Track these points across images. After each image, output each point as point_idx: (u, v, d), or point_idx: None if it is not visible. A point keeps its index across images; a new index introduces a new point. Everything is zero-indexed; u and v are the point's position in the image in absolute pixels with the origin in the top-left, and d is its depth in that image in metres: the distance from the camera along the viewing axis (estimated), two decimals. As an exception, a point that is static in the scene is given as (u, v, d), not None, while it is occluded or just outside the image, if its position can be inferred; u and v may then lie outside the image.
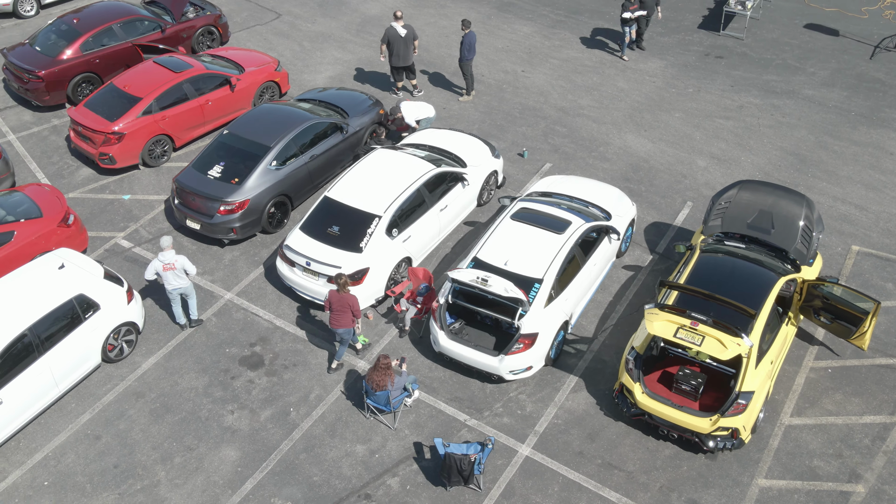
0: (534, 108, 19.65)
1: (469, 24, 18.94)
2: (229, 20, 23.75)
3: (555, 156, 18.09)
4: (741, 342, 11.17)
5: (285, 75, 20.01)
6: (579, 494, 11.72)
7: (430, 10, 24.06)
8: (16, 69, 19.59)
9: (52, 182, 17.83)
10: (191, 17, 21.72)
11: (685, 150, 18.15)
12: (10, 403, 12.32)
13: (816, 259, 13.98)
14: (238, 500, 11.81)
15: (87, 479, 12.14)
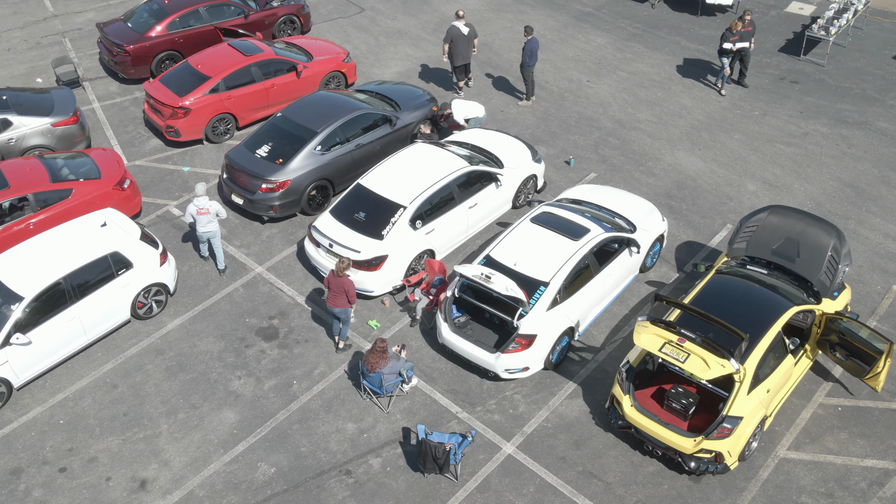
0: (590, 118, 19.62)
1: (531, 31, 19.10)
2: (315, 12, 24.64)
3: (601, 166, 18.02)
4: (726, 364, 10.96)
5: (353, 66, 20.63)
6: (553, 498, 11.74)
7: (508, 15, 24.29)
8: (108, 43, 20.97)
9: (123, 149, 19.03)
10: (274, 6, 22.67)
11: (736, 173, 17.75)
12: (39, 344, 13.30)
13: (843, 293, 13.48)
14: (228, 459, 12.40)
15: (97, 422, 13.00)
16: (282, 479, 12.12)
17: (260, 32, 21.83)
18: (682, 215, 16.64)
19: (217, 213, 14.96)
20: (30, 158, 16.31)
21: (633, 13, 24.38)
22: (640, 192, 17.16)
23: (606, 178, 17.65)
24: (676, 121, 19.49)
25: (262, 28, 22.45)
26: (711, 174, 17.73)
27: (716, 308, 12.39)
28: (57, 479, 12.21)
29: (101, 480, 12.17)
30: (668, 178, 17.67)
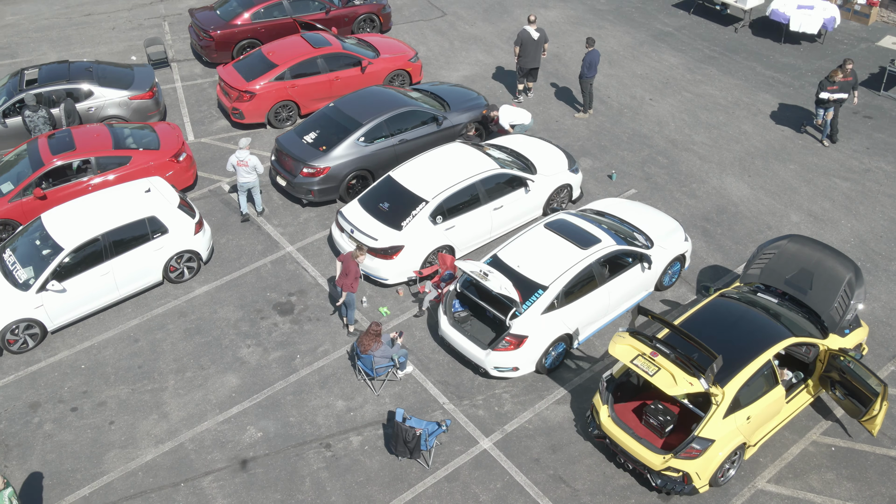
0: (644, 136, 19.49)
1: (593, 43, 19.18)
2: (398, 13, 25.42)
3: (644, 183, 17.91)
4: (694, 382, 10.83)
5: (419, 67, 21.22)
6: (517, 497, 11.87)
7: (585, 30, 24.36)
8: (197, 28, 22.34)
9: (192, 127, 20.25)
10: (356, 4, 23.55)
11: (782, 202, 17.28)
12: (73, 293, 14.42)
13: (857, 331, 12.99)
14: (221, 419, 13.11)
15: (113, 371, 13.98)
16: (266, 443, 12.72)
17: (336, 28, 22.71)
18: (715, 239, 16.35)
19: (255, 166, 16.35)
20: (100, 125, 17.61)
21: (713, 36, 23.99)
22: (677, 213, 16.97)
23: (646, 195, 17.53)
24: (732, 145, 19.12)
25: (342, 24, 23.36)
26: (755, 201, 17.32)
27: (709, 329, 12.23)
28: (67, 416, 13.22)
29: (105, 423, 13.10)
30: (710, 201, 17.38)
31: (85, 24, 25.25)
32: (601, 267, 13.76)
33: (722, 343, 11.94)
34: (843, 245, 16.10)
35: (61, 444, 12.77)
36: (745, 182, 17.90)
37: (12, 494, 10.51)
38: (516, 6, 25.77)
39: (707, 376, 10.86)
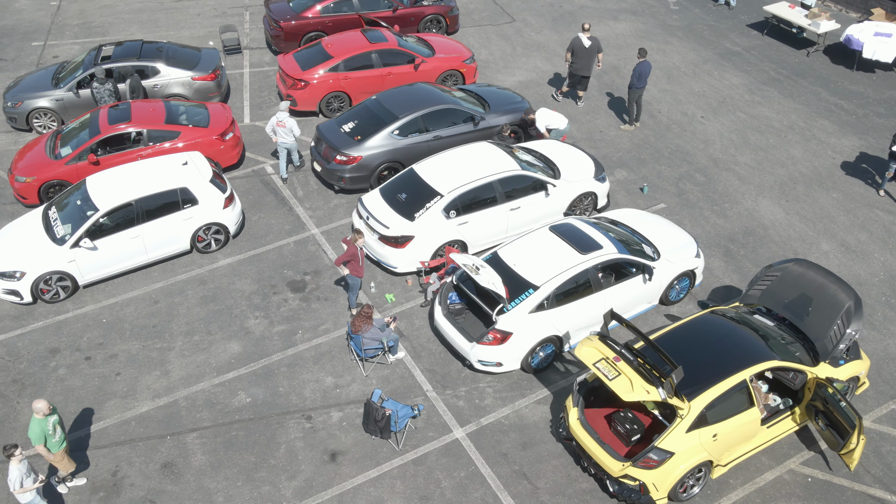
0: (686, 152, 19.27)
1: (644, 54, 19.12)
2: (469, 16, 25.86)
3: (674, 199, 17.73)
4: (651, 390, 10.79)
5: (473, 68, 21.58)
6: (478, 488, 12.06)
7: (651, 44, 24.18)
8: (270, 18, 23.39)
9: (250, 110, 21.24)
10: (424, 4, 24.12)
11: (816, 230, 16.79)
12: (104, 252, 15.45)
13: (854, 363, 12.58)
14: (216, 382, 13.82)
15: (130, 327, 14.92)
16: (252, 409, 13.34)
17: (399, 26, 23.32)
18: (735, 261, 16.05)
19: (292, 128, 17.47)
20: (157, 101, 18.74)
21: (783, 58, 23.40)
22: (702, 231, 16.73)
23: (675, 210, 17.36)
24: (776, 169, 18.67)
25: (408, 24, 23.96)
26: (787, 227, 16.89)
27: (691, 343, 12.13)
28: (81, 364, 14.20)
29: (112, 374, 14.01)
30: (739, 222, 17.05)
31: (174, 10, 26.76)
32: (599, 273, 13.77)
33: (699, 357, 11.82)
34: (871, 278, 15.54)
35: (70, 388, 13.74)
36: (781, 206, 17.46)
37: (57, 422, 11.34)
38: (587, 17, 25.80)
39: (666, 386, 10.79)
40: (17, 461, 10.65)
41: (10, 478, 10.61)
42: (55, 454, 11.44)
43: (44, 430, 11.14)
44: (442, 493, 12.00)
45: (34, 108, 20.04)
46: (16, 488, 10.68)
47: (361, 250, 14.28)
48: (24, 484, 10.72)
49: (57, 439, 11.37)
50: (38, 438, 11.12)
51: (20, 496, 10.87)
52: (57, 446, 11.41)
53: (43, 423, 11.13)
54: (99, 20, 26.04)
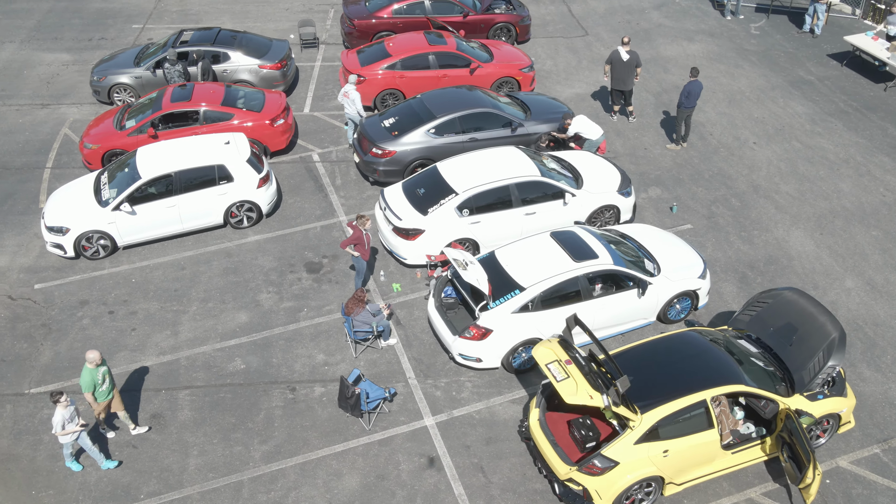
0: (728, 176, 18.96)
1: (696, 73, 18.97)
2: (543, 27, 26.14)
3: (703, 221, 17.51)
4: (595, 395, 10.87)
5: (529, 77, 21.87)
6: (434, 474, 12.41)
7: (720, 67, 23.81)
8: (345, 16, 24.42)
9: (311, 101, 22.27)
10: (496, 12, 24.57)
11: (844, 266, 16.25)
12: (141, 217, 16.64)
13: (834, 399, 12.19)
14: (218, 346, 14.70)
15: (154, 288, 16.04)
16: (244, 375, 14.14)
17: (464, 31, 23.86)
18: (749, 288, 15.75)
19: (354, 101, 18.75)
20: (219, 84, 19.96)
21: (857, 90, 22.58)
22: (724, 255, 16.48)
23: (699, 232, 17.15)
24: (818, 202, 18.13)
25: (478, 30, 24.46)
26: (814, 260, 16.41)
27: (660, 357, 12.12)
28: (103, 317, 15.39)
29: (128, 329, 15.12)
30: (764, 250, 16.69)
31: (265, 3, 28.23)
32: (589, 282, 13.85)
33: (664, 372, 11.81)
34: (890, 320, 14.95)
35: (89, 337, 14.92)
36: (813, 239, 16.96)
37: (106, 373, 12.26)
38: (661, 35, 25.63)
39: (611, 394, 10.86)
40: (63, 407, 11.54)
41: (54, 420, 11.56)
42: (100, 403, 12.33)
43: (93, 380, 12.02)
44: (398, 475, 12.41)
45: (115, 83, 21.67)
46: (58, 430, 11.60)
47: (367, 234, 14.85)
48: (66, 427, 11.63)
49: (104, 389, 12.22)
50: (88, 387, 12.02)
51: (62, 438, 11.77)
52: (103, 396, 12.28)
53: (93, 373, 12.00)
54: (196, 9, 27.76)
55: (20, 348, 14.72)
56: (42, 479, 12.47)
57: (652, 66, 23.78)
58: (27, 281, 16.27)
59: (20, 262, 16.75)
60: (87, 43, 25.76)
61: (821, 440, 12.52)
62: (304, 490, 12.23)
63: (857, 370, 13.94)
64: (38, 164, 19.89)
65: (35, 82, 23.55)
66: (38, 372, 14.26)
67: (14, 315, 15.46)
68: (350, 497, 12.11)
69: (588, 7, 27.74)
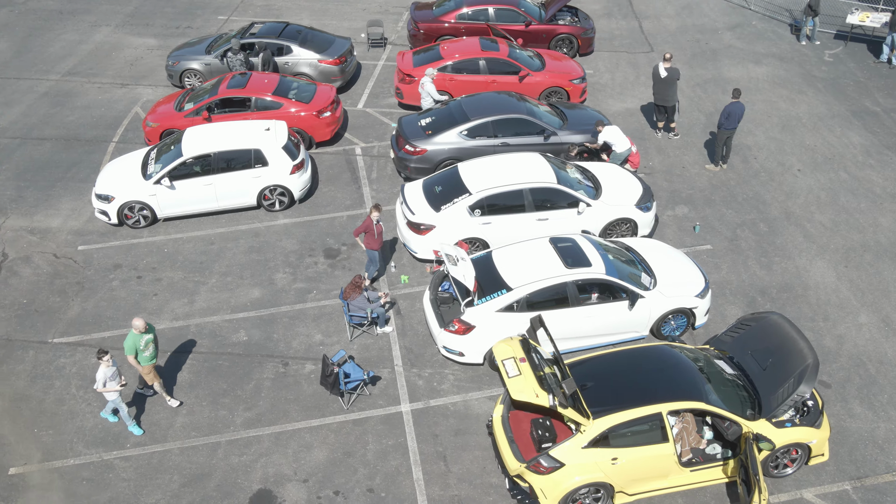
0: (762, 201, 18.62)
1: (738, 94, 18.75)
2: (609, 41, 26.19)
3: (724, 243, 17.31)
4: (540, 395, 11.08)
5: (580, 88, 22.02)
6: (397, 456, 12.87)
7: (782, 91, 23.31)
8: (412, 19, 25.20)
9: (367, 98, 23.12)
10: (559, 23, 24.80)
11: (862, 301, 15.77)
12: (180, 192, 17.77)
13: (804, 430, 11.94)
14: (227, 317, 15.60)
15: (182, 259, 17.11)
16: (244, 346, 14.97)
17: (521, 40, 24.19)
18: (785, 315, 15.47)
19: (430, 93, 19.93)
20: (274, 75, 21.00)
21: (923, 126, 21.70)
22: (738, 279, 16.26)
23: (718, 254, 16.97)
24: (851, 234, 17.61)
25: (539, 41, 24.75)
26: (832, 292, 15.99)
27: (627, 366, 12.22)
28: (131, 281, 16.56)
29: (150, 294, 16.22)
30: (780, 277, 16.37)
31: (343, 2, 29.34)
32: (579, 289, 13.99)
33: (626, 381, 11.91)
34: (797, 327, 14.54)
35: (114, 297, 16.10)
36: (836, 271, 16.51)
37: (151, 340, 13.09)
38: (728, 57, 25.26)
39: (558, 395, 11.04)
40: (105, 365, 12.40)
41: (97, 376, 12.44)
42: (143, 367, 13.15)
43: (136, 345, 12.83)
44: (364, 454, 12.93)
45: (187, 68, 23.09)
46: (99, 387, 12.50)
47: (378, 225, 15.43)
48: (108, 385, 12.51)
49: (147, 355, 13.02)
50: (130, 350, 12.84)
51: (105, 394, 12.68)
52: (146, 361, 13.09)
53: (137, 339, 12.83)
54: (279, 4, 29.13)
55: (53, 301, 16.01)
56: (46, 419, 13.60)
57: (711, 87, 23.50)
58: (72, 242, 17.63)
59: (70, 225, 18.15)
60: (173, 30, 27.44)
61: (788, 469, 12.30)
62: (274, 457, 12.89)
63: (849, 405, 13.57)
64: (106, 137, 21.42)
65: (120, 63, 25.30)
66: (63, 324, 15.48)
67: (55, 271, 16.80)
68: (314, 469, 12.70)
69: (660, 24, 27.58)
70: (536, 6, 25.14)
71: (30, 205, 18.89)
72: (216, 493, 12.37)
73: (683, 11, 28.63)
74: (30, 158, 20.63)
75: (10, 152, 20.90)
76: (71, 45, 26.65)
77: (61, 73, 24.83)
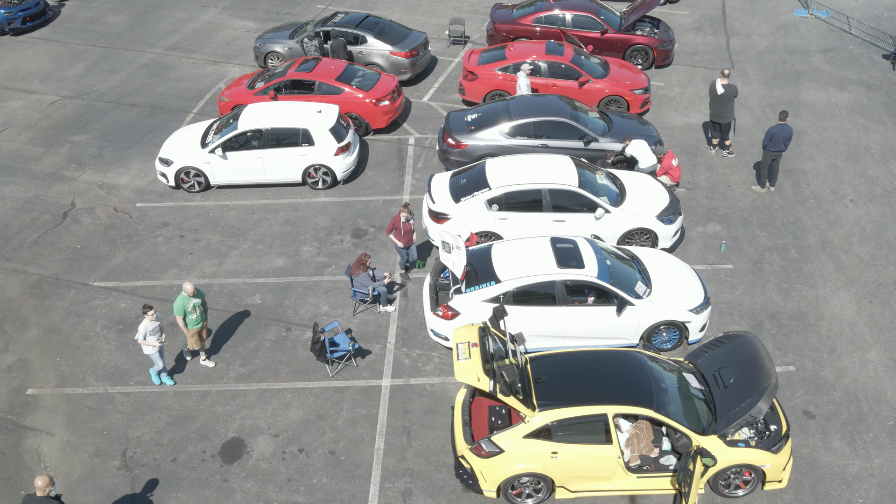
0: (801, 228, 18.13)
1: (784, 117, 18.36)
2: (690, 55, 25.88)
3: (747, 265, 17.02)
4: (482, 378, 11.46)
5: (640, 99, 21.99)
6: (364, 425, 13.55)
7: (858, 119, 22.42)
8: (492, 20, 25.79)
9: (434, 92, 23.91)
10: (636, 33, 24.75)
11: (876, 338, 15.20)
12: (232, 162, 19.07)
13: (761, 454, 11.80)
14: (248, 280, 16.70)
15: (223, 224, 18.40)
16: (256, 308, 16.04)
17: (592, 47, 24.30)
18: (760, 337, 15.23)
19: (521, 86, 20.56)
20: (341, 62, 22.08)
21: None
22: (750, 301, 15.98)
23: (738, 274, 16.71)
24: (888, 270, 16.90)
25: (614, 49, 24.78)
26: (846, 325, 15.48)
27: (588, 365, 12.40)
28: (173, 239, 17.97)
29: (187, 252, 17.57)
30: (796, 304, 15.97)
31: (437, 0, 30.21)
32: (567, 289, 14.22)
33: (581, 380, 12.13)
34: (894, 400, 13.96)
35: (155, 252, 17.54)
36: (858, 305, 15.96)
37: (199, 304, 13.68)
38: (811, 80, 24.48)
39: (501, 382, 11.40)
40: (149, 320, 13.13)
41: (139, 328, 13.38)
42: (189, 330, 14.03)
43: (184, 307, 13.73)
44: (335, 419, 13.68)
45: (271, 50, 24.58)
46: (139, 338, 13.49)
47: (406, 223, 16.01)
48: (148, 339, 13.50)
49: (194, 318, 13.89)
50: (178, 311, 13.78)
51: (144, 347, 13.61)
52: (192, 324, 13.94)
53: (185, 301, 13.73)
54: (375, -3, 30.33)
55: (102, 249, 17.60)
56: (69, 351, 15.08)
57: (784, 108, 22.85)
58: (133, 199, 19.26)
59: (135, 184, 19.82)
60: (273, 15, 29.09)
61: (739, 491, 12.17)
62: (255, 411, 13.84)
63: (828, 438, 13.21)
64: (187, 108, 23.13)
65: (217, 42, 27.12)
66: (105, 270, 17.02)
67: (111, 223, 18.43)
68: (287, 426, 13.56)
69: (749, 42, 26.97)
70: (618, 16, 25.16)
71: (106, 162, 20.71)
72: (195, 435, 13.42)
73: (778, 31, 27.85)
74: (117, 121, 22.54)
75: (102, 114, 22.90)
76: (179, 22, 28.74)
77: (164, 48, 26.86)
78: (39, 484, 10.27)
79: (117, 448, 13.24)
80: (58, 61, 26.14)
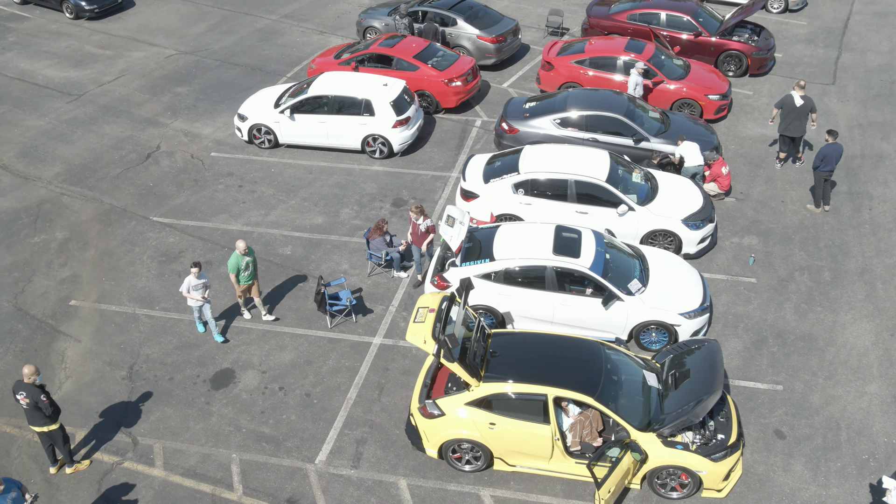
0: (845, 252, 17.42)
1: (835, 136, 17.70)
2: (792, 67, 24.97)
3: (771, 280, 16.63)
4: (428, 341, 12.08)
5: (714, 105, 21.61)
6: (344, 377, 14.50)
7: (952, 149, 21.08)
8: (587, 14, 25.91)
9: (515, 79, 24.39)
10: (733, 38, 24.18)
11: (883, 372, 14.56)
12: (298, 124, 20.45)
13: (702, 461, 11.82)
14: (285, 233, 17.97)
15: (280, 180, 19.79)
16: (284, 258, 17.30)
17: (678, 48, 23.94)
18: (756, 353, 14.95)
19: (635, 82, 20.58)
20: (424, 41, 22.96)
21: None
22: (761, 316, 15.64)
23: (759, 290, 16.36)
24: (924, 305, 16.08)
25: (706, 53, 24.30)
26: (856, 355, 14.92)
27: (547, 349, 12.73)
28: (232, 188, 19.55)
29: (240, 201, 19.09)
30: (807, 327, 15.51)
31: (550, -10, 30.53)
32: (557, 276, 14.54)
33: (534, 360, 12.49)
34: (879, 436, 13.40)
35: (212, 197, 19.18)
36: (876, 336, 15.31)
37: (251, 262, 14.52)
38: (915, 104, 23.11)
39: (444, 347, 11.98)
40: (193, 276, 14.03)
41: (184, 281, 14.60)
42: (240, 286, 14.77)
43: (237, 264, 14.37)
44: (320, 366, 14.71)
45: (369, 25, 25.84)
46: (183, 291, 14.35)
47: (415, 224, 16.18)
48: (191, 292, 14.57)
49: (245, 275, 14.59)
50: (233, 269, 14.56)
51: (188, 299, 14.64)
52: (244, 280, 14.68)
53: (238, 259, 14.38)
54: (490, -17, 30.94)
55: (169, 189, 19.43)
56: (114, 273, 16.90)
57: (873, 130, 21.79)
58: (209, 148, 21.02)
59: (216, 136, 21.59)
60: (388, -7, 30.32)
61: (674, 493, 12.22)
62: (252, 349, 15.09)
63: (791, 460, 12.94)
64: (282, 72, 24.78)
65: (328, 14, 28.69)
66: (166, 209, 18.81)
67: (184, 167, 20.26)
68: (275, 366, 14.72)
69: (861, 59, 25.66)
70: (719, 20, 24.64)
71: (197, 113, 22.63)
72: (195, 361, 14.82)
73: (898, 50, 26.32)
74: (218, 78, 24.49)
75: (207, 70, 24.92)
76: (301, -8, 30.55)
77: (280, 15, 28.71)
78: (27, 371, 11.84)
79: (128, 361, 14.83)
80: (185, 19, 28.51)
